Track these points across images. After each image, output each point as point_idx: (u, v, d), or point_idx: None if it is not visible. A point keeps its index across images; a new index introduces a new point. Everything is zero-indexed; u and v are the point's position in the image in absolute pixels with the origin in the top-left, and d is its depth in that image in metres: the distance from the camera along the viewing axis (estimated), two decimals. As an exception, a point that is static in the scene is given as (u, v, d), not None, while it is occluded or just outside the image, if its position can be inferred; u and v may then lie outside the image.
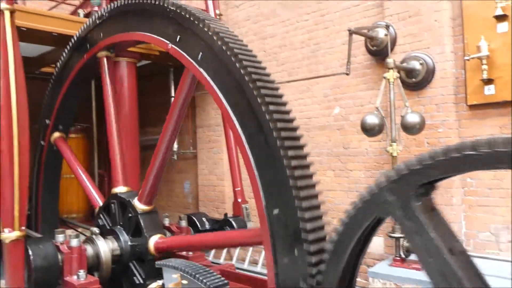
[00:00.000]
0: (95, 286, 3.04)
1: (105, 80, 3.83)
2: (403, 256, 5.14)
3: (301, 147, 2.26)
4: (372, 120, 5.15)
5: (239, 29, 7.70)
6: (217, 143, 8.01)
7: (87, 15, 6.93)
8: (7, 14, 3.10)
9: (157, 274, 3.01)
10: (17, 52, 3.12)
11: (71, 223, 4.78)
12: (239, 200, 4.29)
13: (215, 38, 2.53)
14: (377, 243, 5.84)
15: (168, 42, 2.91)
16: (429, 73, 5.45)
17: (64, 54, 4.14)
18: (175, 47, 2.85)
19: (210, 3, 6.11)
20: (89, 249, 3.30)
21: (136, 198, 3.41)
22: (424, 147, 5.48)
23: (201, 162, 8.43)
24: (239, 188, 4.36)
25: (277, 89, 2.43)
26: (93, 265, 3.30)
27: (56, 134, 4.32)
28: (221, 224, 3.96)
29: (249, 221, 4.16)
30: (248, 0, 7.74)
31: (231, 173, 4.58)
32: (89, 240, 3.41)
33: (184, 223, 3.87)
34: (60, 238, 3.30)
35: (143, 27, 3.22)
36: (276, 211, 2.15)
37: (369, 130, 5.19)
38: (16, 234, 2.95)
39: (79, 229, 4.78)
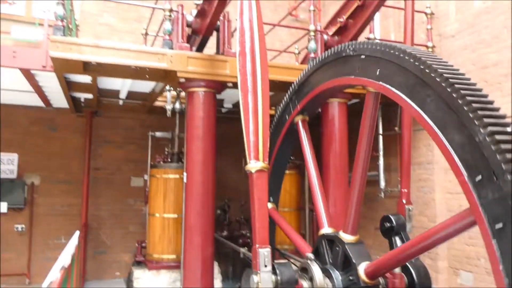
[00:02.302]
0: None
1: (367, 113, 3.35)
2: None
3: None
4: None
5: (455, 60, 7.15)
6: (428, 182, 7.49)
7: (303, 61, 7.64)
8: None
9: None
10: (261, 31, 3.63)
11: (286, 255, 5.11)
12: (404, 201, 4.29)
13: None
14: None
15: (441, 135, 2.46)
16: None
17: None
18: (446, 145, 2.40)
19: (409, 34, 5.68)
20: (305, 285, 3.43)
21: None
22: None
23: (410, 202, 7.99)
24: (406, 190, 4.39)
25: None
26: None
27: (301, 117, 4.37)
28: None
29: (410, 221, 4.14)
30: (466, 28, 7.16)
31: (401, 174, 4.73)
32: (305, 272, 3.53)
33: (397, 269, 3.70)
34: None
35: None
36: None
37: None
38: (261, 164, 3.22)
39: (292, 260, 5.05)
